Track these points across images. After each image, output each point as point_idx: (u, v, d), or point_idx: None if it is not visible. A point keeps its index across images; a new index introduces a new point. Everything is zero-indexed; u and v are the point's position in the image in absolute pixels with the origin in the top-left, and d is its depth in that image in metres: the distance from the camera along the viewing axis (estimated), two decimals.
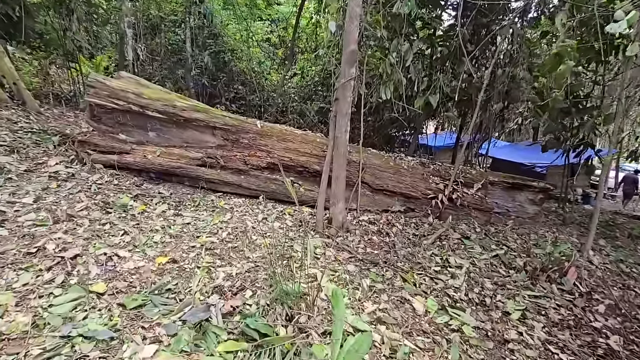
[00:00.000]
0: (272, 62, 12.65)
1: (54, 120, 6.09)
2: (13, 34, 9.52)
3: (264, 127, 5.27)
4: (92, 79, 4.65)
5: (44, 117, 5.97)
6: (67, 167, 4.33)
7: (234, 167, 5.19)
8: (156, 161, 4.83)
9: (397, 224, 5.16)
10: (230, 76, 11.08)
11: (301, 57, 12.91)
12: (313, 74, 13.59)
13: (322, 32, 12.94)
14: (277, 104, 11.50)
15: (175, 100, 4.94)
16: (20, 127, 5.04)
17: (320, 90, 13.82)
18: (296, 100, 11.75)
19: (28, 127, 5.12)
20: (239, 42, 11.32)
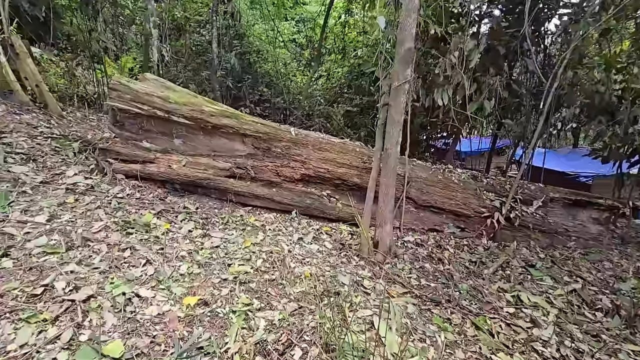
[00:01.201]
0: (298, 64, 12.19)
1: (76, 124, 5.78)
2: (42, 36, 9.46)
3: (298, 135, 4.75)
4: (114, 82, 4.26)
5: (65, 121, 5.67)
6: (87, 178, 3.93)
7: (265, 179, 4.70)
8: (181, 172, 4.39)
9: (448, 246, 4.53)
10: (255, 78, 10.67)
11: (328, 58, 12.38)
12: (340, 75, 13.06)
13: (349, 32, 12.38)
14: (302, 107, 11.01)
15: (203, 105, 4.49)
16: (40, 132, 4.72)
17: (347, 92, 13.27)
18: (322, 104, 11.23)
19: (48, 133, 4.79)
20: (264, 42, 10.90)
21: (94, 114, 7.38)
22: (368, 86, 13.02)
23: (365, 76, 13.28)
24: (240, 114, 4.67)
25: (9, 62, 5.24)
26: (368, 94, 12.99)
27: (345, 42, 12.47)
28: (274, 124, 4.79)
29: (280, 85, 11.08)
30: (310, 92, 11.32)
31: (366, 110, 13.09)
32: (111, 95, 4.24)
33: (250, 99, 10.83)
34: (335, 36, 12.06)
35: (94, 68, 10.12)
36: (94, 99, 9.39)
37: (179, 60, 10.80)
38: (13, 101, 5.25)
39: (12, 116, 4.78)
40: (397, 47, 3.51)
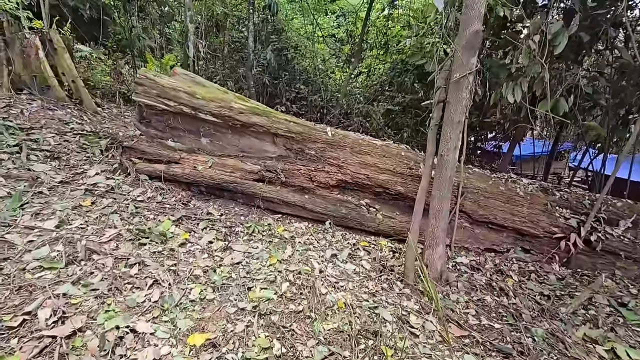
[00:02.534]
0: (337, 60, 11.64)
1: (109, 121, 5.67)
2: (95, 36, 9.77)
3: (335, 135, 4.21)
4: (140, 76, 3.98)
5: (99, 117, 5.57)
6: (108, 179, 3.68)
7: (296, 184, 4.21)
8: (207, 174, 4.02)
9: (510, 272, 3.77)
10: (292, 75, 10.28)
11: (369, 53, 11.70)
12: (381, 72, 12.33)
13: (393, 25, 11.60)
14: (340, 105, 10.45)
15: (232, 102, 4.10)
16: (70, 128, 4.59)
17: (388, 90, 12.51)
18: (361, 102, 10.60)
19: (78, 129, 4.66)
20: (303, 37, 10.47)
21: (131, 110, 7.34)
22: (412, 83, 12.18)
23: (408, 72, 12.44)
24: (272, 112, 4.22)
25: (47, 57, 5.20)
26: (411, 92, 12.16)
27: (388, 37, 11.71)
28: (308, 123, 4.29)
29: (317, 82, 10.59)
30: (349, 90, 10.72)
31: (408, 110, 12.26)
32: (137, 90, 3.97)
33: (287, 96, 10.46)
34: (378, 30, 11.34)
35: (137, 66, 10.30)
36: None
37: (217, 57, 10.70)
38: (49, 97, 5.22)
39: (45, 112, 4.71)
40: (461, 31, 2.85)
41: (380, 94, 12.03)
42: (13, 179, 3.15)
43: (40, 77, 5.21)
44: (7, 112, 4.25)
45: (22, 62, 5.08)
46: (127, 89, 10.15)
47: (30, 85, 5.13)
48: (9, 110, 4.29)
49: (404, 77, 11.81)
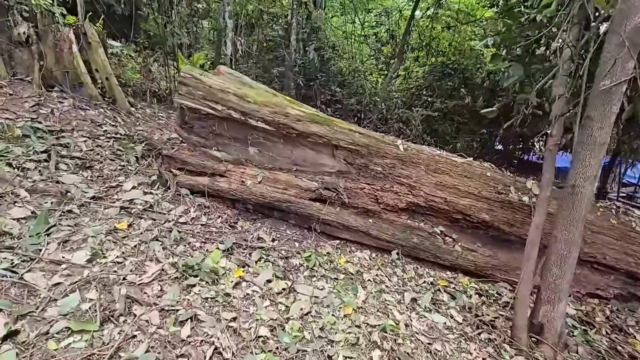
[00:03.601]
0: (376, 61, 10.96)
1: (143, 122, 5.19)
2: (126, 33, 9.48)
3: (407, 149, 3.55)
4: (185, 74, 3.44)
5: (133, 118, 5.10)
6: (146, 193, 3.15)
7: (359, 206, 3.58)
8: (257, 190, 3.44)
9: (629, 329, 3.01)
10: (327, 76, 9.67)
11: (410, 55, 10.97)
12: (419, 75, 11.58)
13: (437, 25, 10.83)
14: (379, 109, 9.77)
15: (288, 107, 3.50)
16: (103, 131, 4.11)
17: (425, 94, 11.75)
18: (401, 106, 9.89)
19: (112, 132, 4.18)
20: (341, 37, 9.85)
21: (164, 111, 6.90)
22: (453, 88, 11.37)
23: (451, 76, 11.62)
24: (333, 120, 3.60)
25: (81, 52, 4.76)
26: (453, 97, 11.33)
27: (431, 38, 10.96)
28: (375, 134, 3.65)
29: (355, 84, 9.95)
30: (388, 94, 10.02)
31: (449, 116, 11.45)
32: (180, 90, 3.43)
33: (322, 99, 9.86)
34: (421, 31, 10.59)
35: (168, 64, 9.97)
36: (166, 95, 9.11)
37: (249, 56, 10.23)
38: (82, 95, 4.78)
39: (77, 112, 4.25)
40: (614, 24, 2.15)
41: (417, 98, 11.30)
42: (39, 193, 2.65)
43: (72, 74, 4.77)
44: (37, 111, 3.80)
45: (54, 56, 4.65)
46: (158, 87, 9.80)
47: (62, 82, 4.70)
48: (39, 109, 3.84)
49: (447, 81, 11.04)
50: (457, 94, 10.81)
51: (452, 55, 11.82)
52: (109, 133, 4.14)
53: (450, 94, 11.29)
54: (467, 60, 11.70)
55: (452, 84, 10.96)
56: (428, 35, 10.59)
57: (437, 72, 11.67)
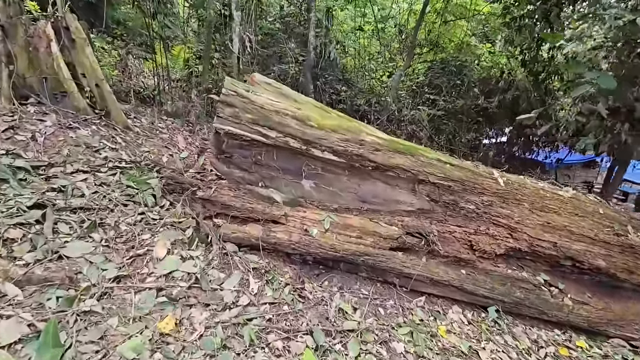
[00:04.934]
0: (383, 58, 10.20)
1: (145, 138, 4.20)
2: (92, 22, 8.13)
3: (508, 183, 2.87)
4: (228, 91, 2.56)
5: (132, 134, 4.10)
6: (185, 259, 2.27)
7: (450, 254, 2.87)
8: (326, 242, 2.65)
9: None
10: (334, 74, 8.83)
11: (419, 51, 10.31)
12: (422, 71, 10.98)
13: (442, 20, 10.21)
14: (389, 110, 9.07)
15: (362, 132, 2.72)
16: (104, 158, 3.14)
17: (428, 92, 11.18)
18: (413, 106, 9.26)
19: (114, 159, 3.21)
20: (348, 31, 9.01)
21: (158, 118, 5.85)
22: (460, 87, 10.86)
23: (451, 74, 11.10)
24: (417, 148, 2.85)
25: (63, 52, 3.69)
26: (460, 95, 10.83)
27: (439, 33, 10.34)
28: (468, 164, 2.94)
29: (364, 83, 9.18)
30: (398, 93, 9.33)
31: (457, 116, 10.95)
32: (222, 112, 2.54)
33: (326, 99, 9.02)
34: (430, 26, 9.92)
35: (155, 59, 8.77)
36: (152, 95, 7.94)
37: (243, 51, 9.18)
38: (66, 107, 3.72)
39: (65, 133, 3.23)
40: None
41: (420, 97, 10.71)
42: (37, 285, 1.73)
43: (52, 80, 3.70)
44: (12, 138, 2.77)
45: (27, 58, 3.56)
46: (143, 86, 8.59)
47: (39, 92, 3.62)
48: (14, 135, 2.81)
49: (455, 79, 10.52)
50: (467, 93, 10.32)
51: (453, 51, 11.31)
52: (111, 161, 3.16)
53: (458, 92, 10.79)
54: (466, 56, 11.25)
55: (460, 82, 10.46)
56: (435, 30, 9.96)
57: (438, 69, 11.13)
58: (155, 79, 9.27)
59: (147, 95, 8.23)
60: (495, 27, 11.78)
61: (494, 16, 11.47)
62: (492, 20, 11.61)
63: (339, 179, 2.95)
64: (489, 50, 11.97)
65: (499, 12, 11.21)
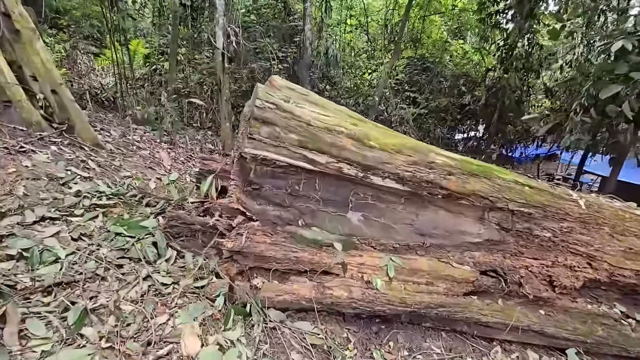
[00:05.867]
0: (368, 54, 9.72)
1: (121, 157, 3.35)
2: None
3: (590, 206, 2.47)
4: (264, 102, 1.88)
5: (105, 153, 3.23)
6: (224, 349, 1.59)
7: (527, 293, 2.42)
8: (394, 296, 2.09)
9: None
10: (319, 72, 8.21)
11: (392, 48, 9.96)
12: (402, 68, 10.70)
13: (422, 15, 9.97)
14: (377, 110, 8.63)
15: (431, 153, 2.17)
16: (75, 194, 2.31)
17: (409, 89, 10.96)
18: (403, 106, 8.91)
19: (91, 193, 2.40)
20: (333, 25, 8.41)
21: (126, 126, 4.91)
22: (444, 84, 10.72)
23: (427, 71, 10.95)
24: (492, 168, 2.35)
25: (3, 47, 2.76)
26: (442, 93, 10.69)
27: (420, 29, 10.07)
28: (545, 185, 2.49)
29: (348, 81, 8.66)
30: (384, 91, 8.92)
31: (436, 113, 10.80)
32: (257, 132, 1.86)
33: None
34: (415, 21, 9.61)
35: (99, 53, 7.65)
36: (113, 98, 6.83)
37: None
38: (12, 121, 2.79)
39: (15, 160, 2.34)
40: None
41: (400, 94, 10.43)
42: None
43: None
44: None
45: None
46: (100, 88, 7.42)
47: None
48: None
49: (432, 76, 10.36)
50: (451, 91, 10.21)
51: (431, 48, 11.17)
52: (87, 196, 2.35)
53: (439, 90, 10.65)
54: (442, 53, 11.17)
55: (443, 79, 10.31)
56: (418, 26, 9.68)
57: (416, 66, 10.94)
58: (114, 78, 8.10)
59: (106, 98, 7.11)
60: (471, 24, 11.81)
61: (469, 12, 11.49)
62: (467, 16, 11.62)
63: (393, 208, 2.38)
64: (460, 45, 12.02)
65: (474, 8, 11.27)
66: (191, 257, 2.24)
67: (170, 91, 6.80)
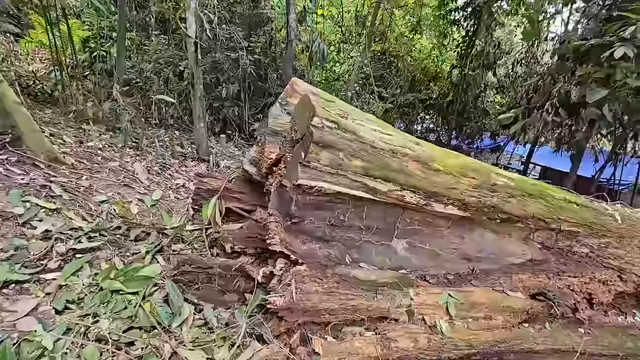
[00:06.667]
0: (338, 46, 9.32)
1: (87, 173, 2.68)
2: None
3: (624, 219, 2.43)
4: (323, 121, 1.49)
5: (67, 170, 2.54)
6: None
7: (568, 313, 2.34)
8: (460, 338, 1.86)
9: None
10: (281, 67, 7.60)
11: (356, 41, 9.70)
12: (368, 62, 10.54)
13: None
14: (350, 104, 8.35)
15: (492, 173, 1.95)
16: (42, 236, 1.71)
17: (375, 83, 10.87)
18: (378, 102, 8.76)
19: (64, 232, 1.79)
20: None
21: (79, 129, 4.09)
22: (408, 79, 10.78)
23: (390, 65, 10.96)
24: (546, 187, 2.19)
25: None
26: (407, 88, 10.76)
27: (387, 23, 9.95)
28: (588, 202, 2.39)
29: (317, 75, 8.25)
30: (356, 88, 8.65)
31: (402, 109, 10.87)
32: (317, 160, 1.46)
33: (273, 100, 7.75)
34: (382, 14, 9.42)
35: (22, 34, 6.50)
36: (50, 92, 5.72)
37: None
38: None
39: None
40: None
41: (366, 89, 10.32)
42: None
43: None
44: None
45: None
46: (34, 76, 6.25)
47: None
48: None
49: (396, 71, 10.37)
50: (417, 87, 10.29)
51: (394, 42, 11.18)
52: (60, 238, 1.76)
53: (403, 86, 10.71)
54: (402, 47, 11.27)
55: (409, 75, 10.36)
56: (386, 19, 9.54)
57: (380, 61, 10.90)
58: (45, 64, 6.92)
59: (40, 90, 6.00)
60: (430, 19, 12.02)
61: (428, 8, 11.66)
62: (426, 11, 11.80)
63: (438, 232, 2.13)
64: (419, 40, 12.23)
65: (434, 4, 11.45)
66: (211, 310, 1.78)
67: (121, 82, 5.86)
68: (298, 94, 2.18)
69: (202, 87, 4.44)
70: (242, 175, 2.58)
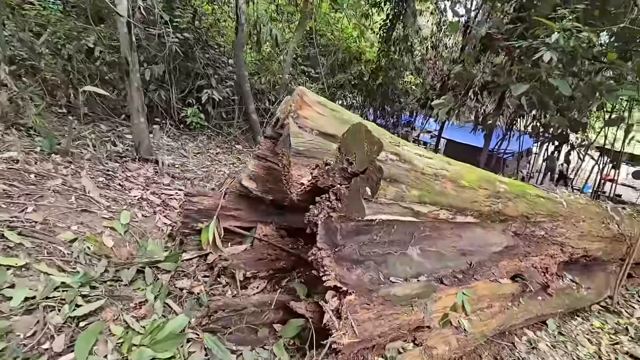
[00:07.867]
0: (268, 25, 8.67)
1: (23, 195, 2.12)
2: None
3: (569, 205, 2.96)
4: (388, 155, 1.43)
5: (5, 205, 1.96)
6: None
7: (549, 292, 2.82)
8: (478, 332, 2.09)
9: None
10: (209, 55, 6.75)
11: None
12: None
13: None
14: (287, 87, 8.07)
15: (496, 181, 2.16)
16: (19, 306, 1.32)
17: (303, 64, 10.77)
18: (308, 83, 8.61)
19: (56, 298, 1.42)
20: None
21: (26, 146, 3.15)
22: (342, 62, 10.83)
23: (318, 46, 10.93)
24: (524, 185, 2.53)
25: None
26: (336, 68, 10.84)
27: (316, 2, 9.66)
28: (541, 191, 2.80)
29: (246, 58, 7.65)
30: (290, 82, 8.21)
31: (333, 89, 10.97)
32: (384, 196, 1.40)
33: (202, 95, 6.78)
34: None
35: None
36: None
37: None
38: None
39: None
40: None
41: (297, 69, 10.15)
42: None
43: None
44: None
45: None
46: None
47: None
48: None
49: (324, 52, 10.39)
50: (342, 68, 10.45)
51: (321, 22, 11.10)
52: (47, 310, 1.40)
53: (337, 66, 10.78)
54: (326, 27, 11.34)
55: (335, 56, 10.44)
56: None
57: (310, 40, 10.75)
58: None
59: None
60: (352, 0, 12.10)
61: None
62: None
63: (443, 236, 2.31)
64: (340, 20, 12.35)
65: None
66: (249, 353, 1.64)
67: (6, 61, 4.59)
68: (307, 105, 2.04)
69: (139, 75, 3.76)
70: (236, 191, 2.34)
